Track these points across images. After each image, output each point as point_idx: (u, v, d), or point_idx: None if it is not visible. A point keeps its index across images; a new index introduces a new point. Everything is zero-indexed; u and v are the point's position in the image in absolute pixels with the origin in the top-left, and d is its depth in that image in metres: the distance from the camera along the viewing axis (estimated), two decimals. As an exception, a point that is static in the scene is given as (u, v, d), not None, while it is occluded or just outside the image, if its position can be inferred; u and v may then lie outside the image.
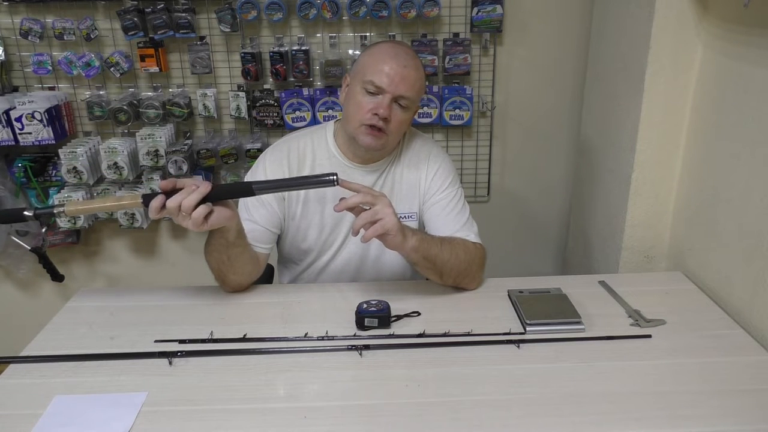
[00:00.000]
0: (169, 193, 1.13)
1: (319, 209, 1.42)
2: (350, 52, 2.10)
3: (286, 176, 1.41)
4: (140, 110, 2.09)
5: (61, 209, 1.15)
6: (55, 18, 2.05)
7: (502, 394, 1.03)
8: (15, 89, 2.14)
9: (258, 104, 2.13)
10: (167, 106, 2.10)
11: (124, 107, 2.06)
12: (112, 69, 2.06)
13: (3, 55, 2.07)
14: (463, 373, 1.09)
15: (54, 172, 2.18)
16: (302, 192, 1.41)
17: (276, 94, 2.13)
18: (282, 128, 2.15)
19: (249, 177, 1.43)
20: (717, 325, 1.26)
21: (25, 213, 1.16)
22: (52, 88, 2.14)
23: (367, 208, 1.17)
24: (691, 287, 1.44)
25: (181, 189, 1.13)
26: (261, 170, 1.41)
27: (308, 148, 1.43)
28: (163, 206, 1.12)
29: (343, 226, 1.43)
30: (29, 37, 2.03)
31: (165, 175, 2.15)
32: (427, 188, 1.43)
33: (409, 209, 1.44)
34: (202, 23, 2.08)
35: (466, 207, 1.44)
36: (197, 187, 1.12)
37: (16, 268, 2.34)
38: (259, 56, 2.09)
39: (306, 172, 1.41)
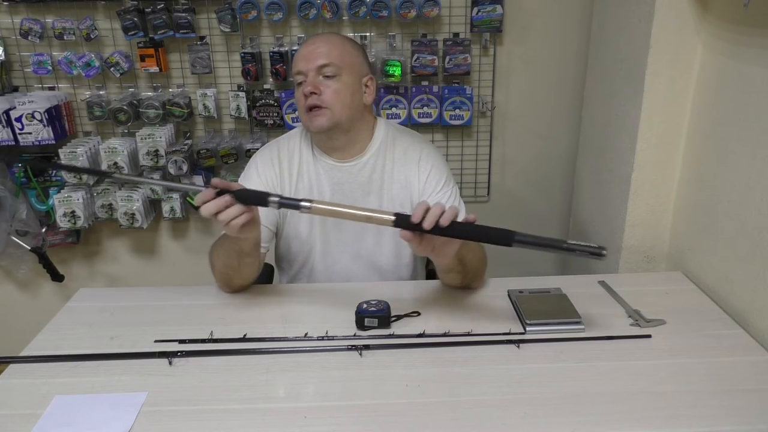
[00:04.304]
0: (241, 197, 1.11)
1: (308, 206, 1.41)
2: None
3: (278, 175, 1.42)
4: (140, 110, 2.09)
5: (308, 205, 1.10)
6: (55, 18, 2.05)
7: (502, 394, 1.03)
8: (15, 89, 2.14)
9: (258, 104, 2.13)
10: (167, 106, 2.10)
11: (124, 107, 2.06)
12: (112, 69, 2.06)
13: (3, 55, 2.07)
14: (463, 373, 1.09)
15: (54, 172, 2.18)
16: (293, 188, 1.42)
17: (276, 94, 2.13)
18: (282, 128, 2.15)
19: (242, 178, 1.45)
20: (717, 325, 1.26)
21: (270, 199, 1.11)
22: (52, 88, 2.14)
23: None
24: (691, 287, 1.44)
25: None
26: (253, 171, 1.43)
27: (296, 148, 1.44)
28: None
29: (330, 222, 1.43)
30: (29, 37, 2.03)
31: (165, 175, 2.15)
32: (422, 190, 1.42)
33: (400, 208, 1.44)
34: (202, 23, 2.08)
35: (462, 205, 1.44)
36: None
37: (16, 268, 2.34)
38: (259, 56, 2.09)
39: (295, 172, 1.42)
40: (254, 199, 1.13)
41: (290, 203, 1.11)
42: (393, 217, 1.08)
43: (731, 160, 1.37)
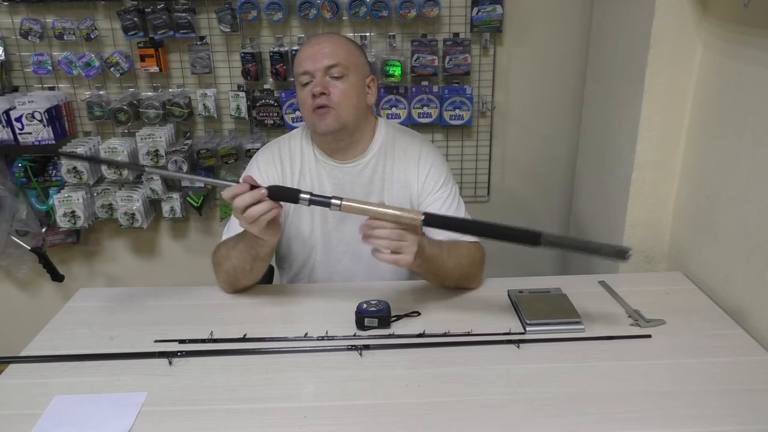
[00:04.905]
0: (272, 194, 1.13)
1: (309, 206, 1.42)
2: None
3: (279, 174, 1.42)
4: (140, 110, 2.09)
5: (338, 203, 1.12)
6: (55, 18, 2.05)
7: (502, 394, 1.03)
8: (15, 89, 2.14)
9: (258, 104, 2.13)
10: (167, 106, 2.10)
11: (124, 107, 2.06)
12: (112, 69, 2.06)
13: (3, 55, 2.07)
14: (463, 373, 1.09)
15: (54, 172, 2.18)
16: (295, 187, 1.41)
17: (276, 94, 2.13)
18: (282, 128, 2.15)
19: (244, 176, 1.44)
20: (717, 325, 1.26)
21: (301, 196, 1.12)
22: (52, 88, 2.14)
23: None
24: (691, 287, 1.44)
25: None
26: (255, 169, 1.43)
27: (297, 148, 1.44)
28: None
29: (331, 222, 1.43)
30: (29, 37, 2.03)
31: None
32: (421, 189, 1.42)
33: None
34: (202, 23, 2.08)
35: (462, 204, 1.44)
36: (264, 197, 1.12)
37: (16, 268, 2.34)
38: (259, 56, 2.09)
39: (297, 171, 1.42)
40: (286, 195, 1.14)
41: (320, 200, 1.12)
42: (422, 217, 1.10)
43: (731, 160, 1.37)
